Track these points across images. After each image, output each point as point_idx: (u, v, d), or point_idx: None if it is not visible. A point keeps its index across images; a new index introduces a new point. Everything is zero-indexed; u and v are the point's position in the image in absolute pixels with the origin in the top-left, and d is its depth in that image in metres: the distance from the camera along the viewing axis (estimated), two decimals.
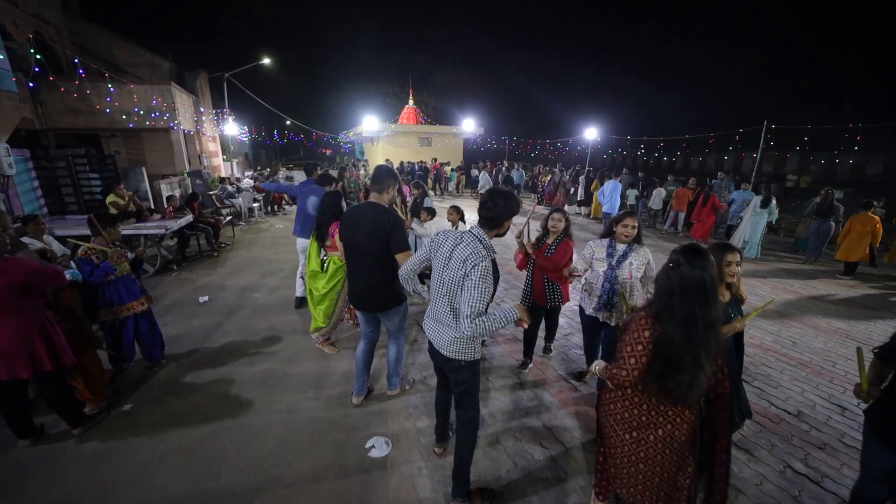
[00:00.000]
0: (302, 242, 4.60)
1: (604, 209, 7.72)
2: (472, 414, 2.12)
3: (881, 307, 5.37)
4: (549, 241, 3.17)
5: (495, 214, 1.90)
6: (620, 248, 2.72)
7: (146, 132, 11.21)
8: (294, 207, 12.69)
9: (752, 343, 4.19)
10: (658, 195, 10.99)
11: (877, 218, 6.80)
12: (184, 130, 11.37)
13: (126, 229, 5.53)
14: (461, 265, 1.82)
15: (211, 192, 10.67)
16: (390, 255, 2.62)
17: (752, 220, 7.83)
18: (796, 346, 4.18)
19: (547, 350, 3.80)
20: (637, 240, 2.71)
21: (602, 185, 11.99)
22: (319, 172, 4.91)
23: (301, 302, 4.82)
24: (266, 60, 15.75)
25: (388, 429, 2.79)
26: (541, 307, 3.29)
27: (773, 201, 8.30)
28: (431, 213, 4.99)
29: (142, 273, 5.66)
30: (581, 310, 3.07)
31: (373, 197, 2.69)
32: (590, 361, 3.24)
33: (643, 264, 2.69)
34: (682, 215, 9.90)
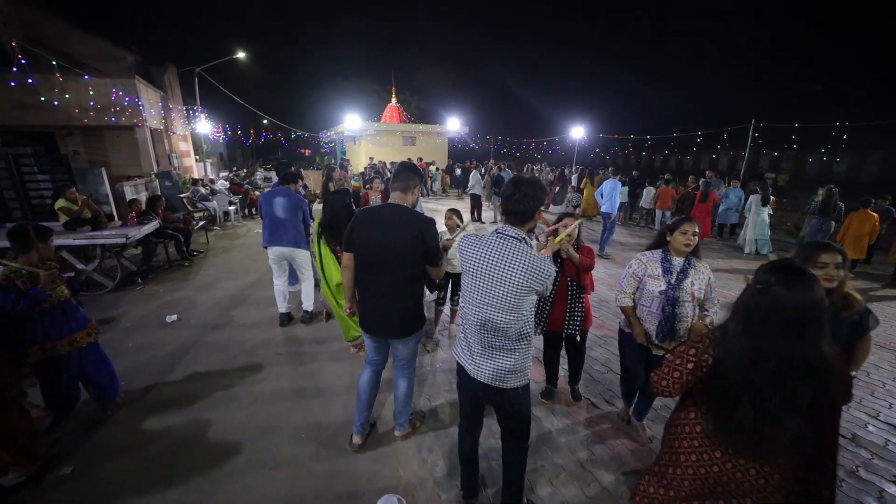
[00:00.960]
0: (277, 252, 4.06)
1: (603, 209, 7.41)
2: (526, 443, 1.93)
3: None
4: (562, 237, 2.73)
5: (525, 207, 1.68)
6: (678, 262, 2.23)
7: (108, 130, 10.30)
8: None
9: None
10: (648, 194, 10.98)
11: (875, 216, 6.76)
12: (150, 128, 10.50)
13: (79, 238, 4.82)
14: (524, 277, 1.60)
15: (182, 195, 9.87)
16: (420, 269, 2.23)
17: (756, 218, 7.81)
18: None
19: (575, 395, 3.07)
20: (695, 252, 2.24)
21: (593, 183, 11.94)
22: (321, 175, 4.40)
23: (287, 319, 4.27)
24: (241, 55, 14.89)
25: (401, 480, 2.30)
26: (558, 334, 2.79)
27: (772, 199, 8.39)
28: None
29: (78, 294, 4.99)
30: (622, 333, 2.59)
31: (395, 198, 2.23)
32: (629, 397, 2.78)
33: (705, 283, 2.22)
34: (668, 213, 9.98)
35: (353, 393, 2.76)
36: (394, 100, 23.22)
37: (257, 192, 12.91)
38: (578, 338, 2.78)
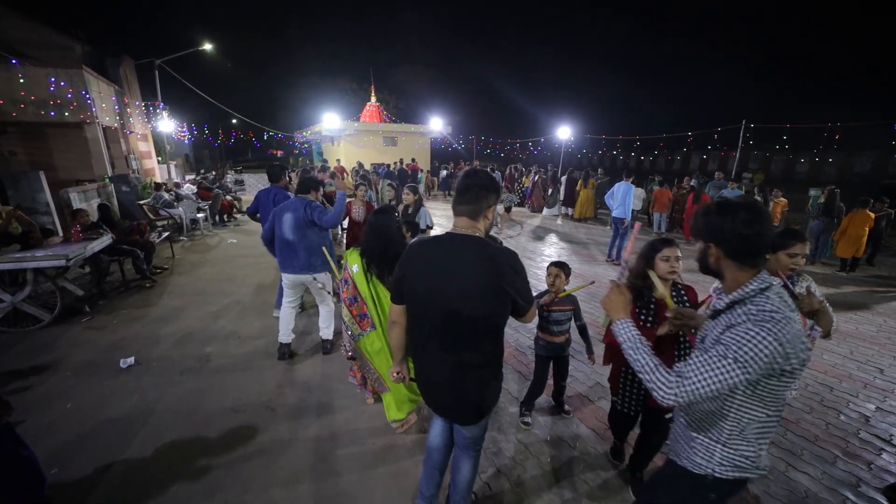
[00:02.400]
0: (291, 279, 3.37)
1: (615, 213, 6.96)
2: None
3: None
4: (664, 293, 1.72)
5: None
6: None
7: (52, 128, 9.01)
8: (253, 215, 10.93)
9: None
10: (637, 196, 10.74)
11: (873, 215, 6.78)
12: (102, 125, 9.26)
13: (1, 262, 3.83)
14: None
15: (142, 202, 8.72)
16: (502, 324, 1.56)
17: None
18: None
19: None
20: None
21: (586, 185, 11.59)
22: (296, 175, 3.64)
23: (287, 353, 3.50)
24: (207, 47, 13.65)
25: None
26: (662, 410, 2.00)
27: (770, 203, 8.35)
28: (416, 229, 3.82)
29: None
30: None
31: (462, 225, 1.55)
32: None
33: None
34: (664, 216, 9.83)
35: (397, 476, 2.06)
36: (373, 98, 22.30)
37: (229, 197, 11.78)
38: (669, 414, 1.98)
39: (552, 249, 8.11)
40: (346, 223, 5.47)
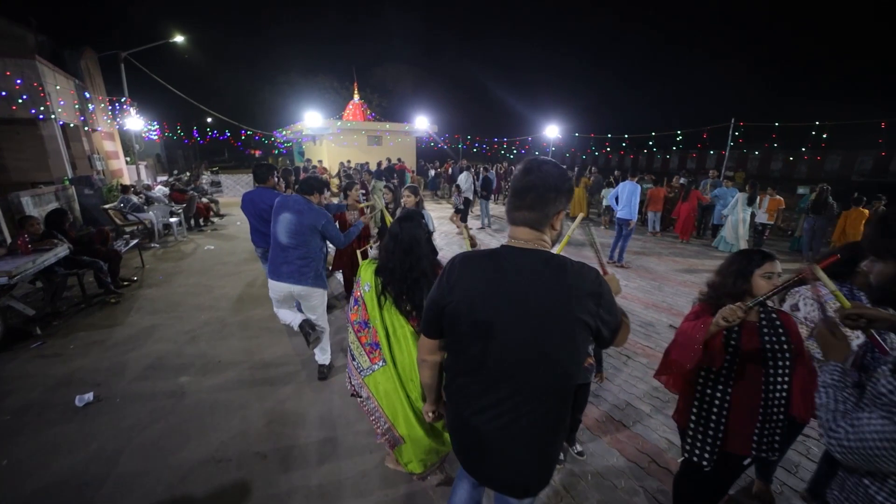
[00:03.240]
0: (281, 289, 2.93)
1: (620, 214, 6.69)
2: None
3: None
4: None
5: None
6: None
7: (1, 124, 8.13)
8: (235, 220, 10.20)
9: None
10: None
11: (867, 212, 6.78)
12: (60, 122, 8.43)
13: None
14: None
15: (107, 206, 7.96)
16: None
17: (739, 216, 7.73)
18: None
19: None
20: None
21: (577, 184, 11.42)
22: (293, 173, 3.20)
23: (307, 328, 3.04)
24: (178, 39, 12.78)
25: None
26: (741, 457, 1.62)
27: (766, 200, 8.31)
28: None
29: None
30: None
31: (523, 236, 1.15)
32: None
33: None
34: (658, 215, 9.78)
35: None
36: (356, 96, 21.60)
37: (205, 199, 11.03)
38: (775, 455, 1.60)
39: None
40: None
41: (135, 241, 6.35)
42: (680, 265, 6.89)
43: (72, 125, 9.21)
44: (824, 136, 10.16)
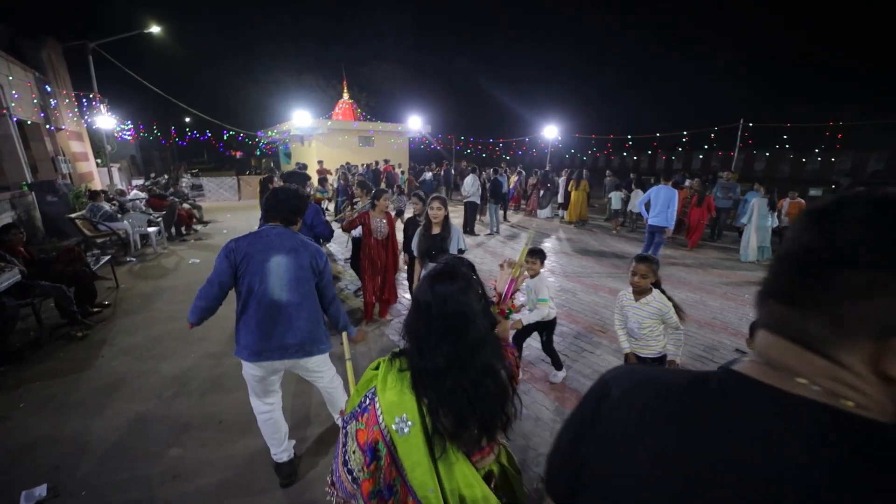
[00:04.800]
0: (268, 369, 2.07)
1: (653, 221, 6.13)
2: None
3: None
4: None
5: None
6: None
7: None
8: (221, 228, 9.17)
9: None
10: (636, 197, 10.24)
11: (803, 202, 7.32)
12: (14, 119, 7.38)
13: None
14: None
15: (74, 215, 6.97)
16: None
17: (760, 223, 7.32)
18: None
19: None
20: None
21: (578, 187, 10.90)
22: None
23: (290, 472, 2.22)
24: (153, 29, 11.70)
25: None
26: None
27: (786, 204, 8.19)
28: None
29: None
30: None
31: (787, 361, 0.45)
32: None
33: None
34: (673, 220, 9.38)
35: None
36: (346, 95, 20.70)
37: (186, 205, 10.03)
38: None
39: (579, 263, 7.21)
40: (355, 233, 4.21)
41: (107, 258, 5.43)
42: (712, 275, 6.43)
43: (29, 122, 8.13)
44: (839, 136, 9.98)
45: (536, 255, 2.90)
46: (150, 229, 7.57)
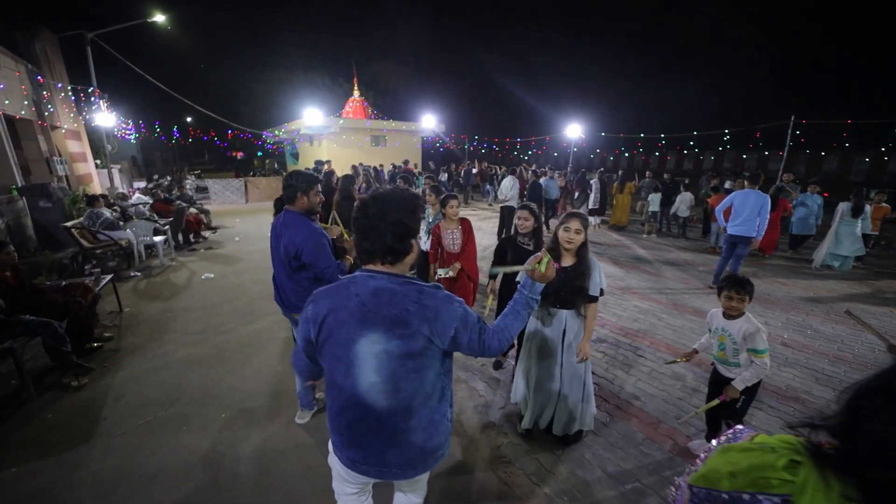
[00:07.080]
0: (352, 478, 1.39)
1: (734, 231, 5.28)
2: None
3: None
4: None
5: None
6: None
7: None
8: (233, 235, 8.19)
9: None
10: (683, 201, 9.41)
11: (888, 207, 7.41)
12: (3, 114, 6.50)
13: None
14: None
15: (70, 223, 6.11)
16: None
17: (841, 230, 6.82)
18: None
19: None
20: None
21: (622, 190, 10.11)
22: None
23: None
24: (156, 18, 10.83)
25: None
26: None
27: (868, 208, 7.46)
28: None
29: None
30: None
31: None
32: None
33: None
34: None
35: None
36: (356, 92, 19.82)
37: (193, 210, 9.15)
38: None
39: (636, 277, 6.35)
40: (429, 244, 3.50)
41: (108, 277, 4.55)
42: (797, 288, 5.64)
43: (20, 118, 7.25)
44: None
45: (742, 287, 2.04)
46: (157, 238, 6.70)
